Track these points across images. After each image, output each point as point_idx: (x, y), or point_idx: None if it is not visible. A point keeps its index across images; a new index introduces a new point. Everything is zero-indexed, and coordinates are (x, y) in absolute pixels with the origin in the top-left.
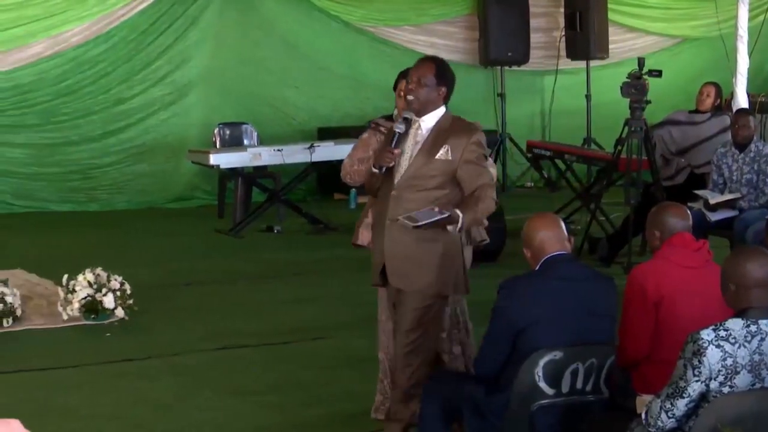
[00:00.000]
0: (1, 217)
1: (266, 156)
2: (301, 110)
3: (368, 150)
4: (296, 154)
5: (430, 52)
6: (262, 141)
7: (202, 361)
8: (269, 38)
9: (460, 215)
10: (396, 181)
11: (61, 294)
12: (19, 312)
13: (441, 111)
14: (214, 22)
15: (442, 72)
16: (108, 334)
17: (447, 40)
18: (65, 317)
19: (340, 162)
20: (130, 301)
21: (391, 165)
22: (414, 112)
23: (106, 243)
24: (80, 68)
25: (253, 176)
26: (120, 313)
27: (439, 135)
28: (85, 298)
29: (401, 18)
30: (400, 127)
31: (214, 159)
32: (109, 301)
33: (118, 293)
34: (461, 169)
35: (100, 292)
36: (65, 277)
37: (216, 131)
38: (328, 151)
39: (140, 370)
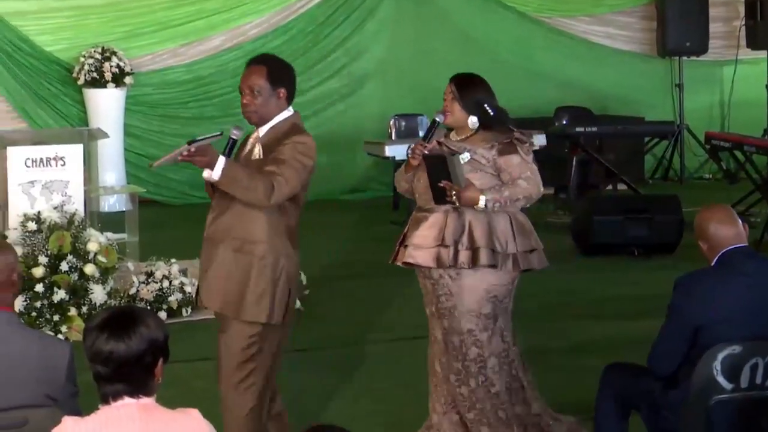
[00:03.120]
0: (179, 208)
1: None
2: None
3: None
4: None
5: (606, 42)
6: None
7: (374, 352)
8: (444, 29)
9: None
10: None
11: None
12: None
13: (284, 115)
14: (391, 14)
15: (275, 72)
16: None
17: (623, 30)
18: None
19: None
20: (306, 292)
21: None
22: (255, 124)
23: None
24: None
25: None
26: None
27: (268, 140)
28: None
29: (577, 8)
30: (235, 133)
31: (390, 150)
32: None
33: None
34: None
35: None
36: None
37: (391, 123)
38: None
39: (313, 360)
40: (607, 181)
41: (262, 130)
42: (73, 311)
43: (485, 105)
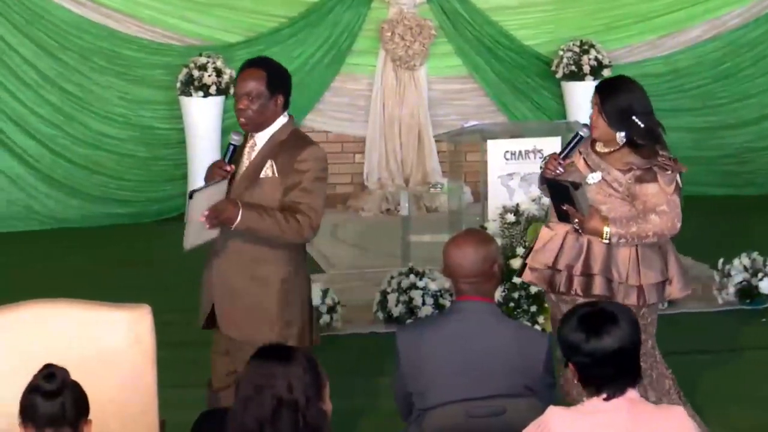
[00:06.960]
0: None
1: None
2: None
3: None
4: None
5: None
6: None
7: None
8: None
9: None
10: None
11: (716, 278)
12: None
13: (280, 122)
14: None
15: (274, 78)
16: (763, 320)
17: None
18: (720, 301)
19: None
20: None
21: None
22: (250, 131)
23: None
24: (738, 51)
25: None
26: None
27: (270, 150)
28: (741, 282)
29: None
30: (235, 139)
31: None
32: (765, 286)
33: None
34: (286, 197)
35: (756, 276)
36: (721, 260)
37: None
38: None
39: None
40: None
41: (260, 139)
42: None
43: (633, 117)
